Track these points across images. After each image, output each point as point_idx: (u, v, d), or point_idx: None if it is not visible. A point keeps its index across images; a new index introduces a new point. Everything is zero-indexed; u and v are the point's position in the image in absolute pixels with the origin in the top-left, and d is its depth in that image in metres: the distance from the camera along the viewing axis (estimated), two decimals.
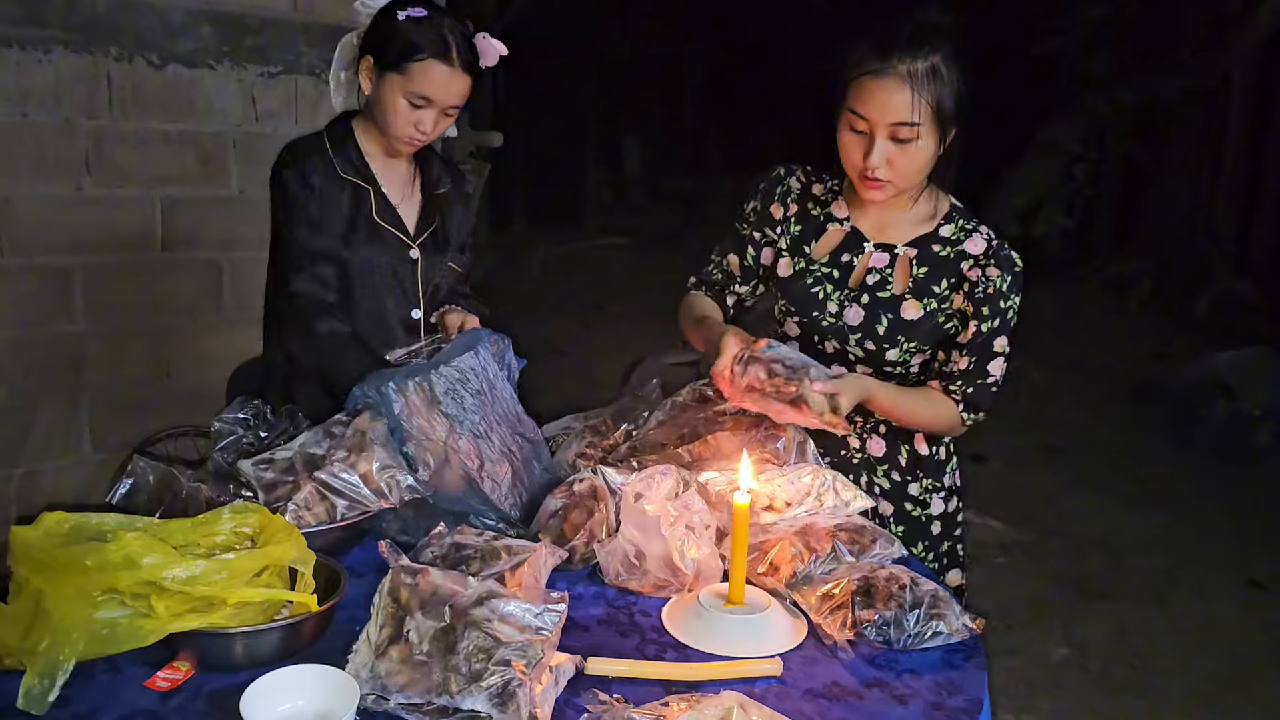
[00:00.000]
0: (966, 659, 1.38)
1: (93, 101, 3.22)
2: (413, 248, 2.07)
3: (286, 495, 1.49)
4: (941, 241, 1.79)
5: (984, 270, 1.75)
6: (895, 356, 1.79)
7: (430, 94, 1.91)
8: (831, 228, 1.85)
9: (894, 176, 1.68)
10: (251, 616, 1.22)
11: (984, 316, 1.75)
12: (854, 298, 1.79)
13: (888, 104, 1.62)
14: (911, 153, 1.66)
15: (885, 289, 1.78)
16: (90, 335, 3.32)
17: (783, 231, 1.89)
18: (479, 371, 1.69)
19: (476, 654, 1.11)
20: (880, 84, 1.62)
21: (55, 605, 1.14)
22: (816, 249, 1.85)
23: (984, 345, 1.76)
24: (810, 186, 1.90)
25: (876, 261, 1.80)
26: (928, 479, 1.90)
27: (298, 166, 1.98)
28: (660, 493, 1.48)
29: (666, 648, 1.37)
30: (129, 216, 3.34)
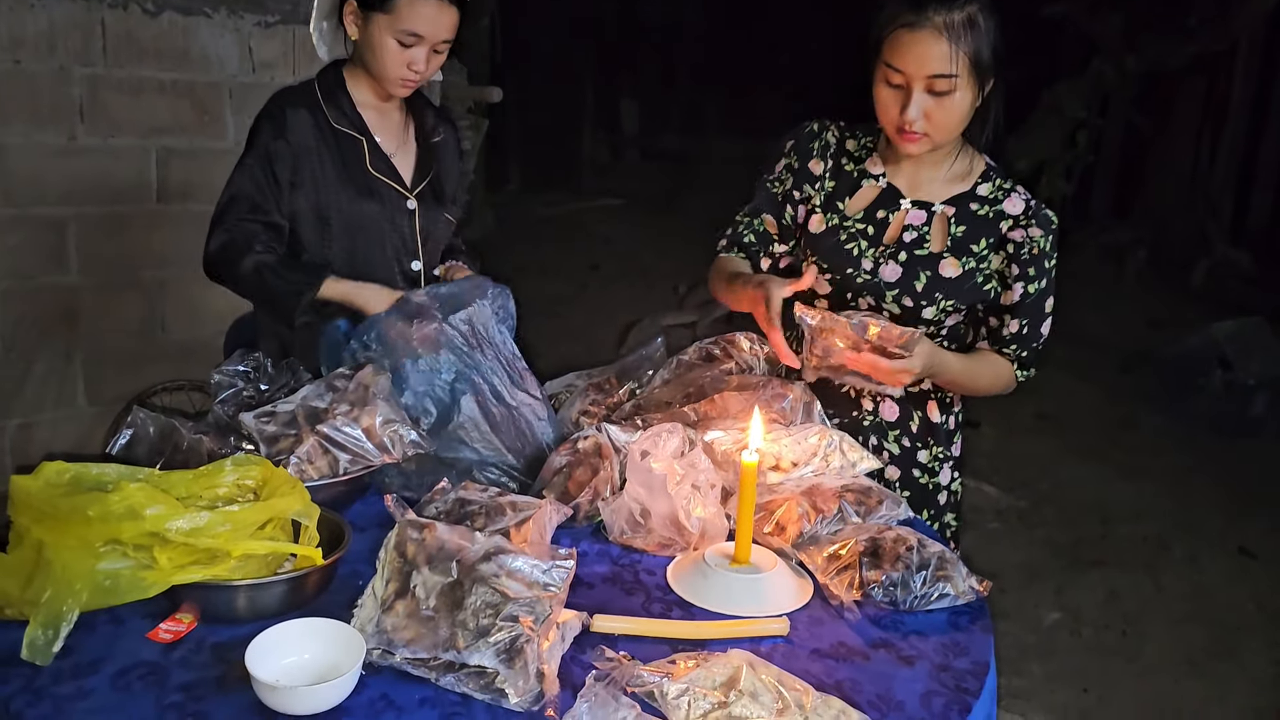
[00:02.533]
0: (972, 621, 1.37)
1: (87, 49, 3.16)
2: (409, 198, 2.04)
3: (288, 448, 1.48)
4: (979, 200, 1.77)
5: (1027, 230, 1.74)
6: (931, 315, 1.76)
7: (420, 29, 1.87)
8: (866, 184, 1.82)
9: (931, 130, 1.66)
10: (255, 569, 1.21)
11: (1030, 278, 1.74)
12: (890, 254, 1.76)
13: (925, 56, 1.60)
14: (949, 105, 1.64)
15: (923, 246, 1.76)
16: (84, 287, 3.29)
17: (819, 187, 1.85)
18: (484, 322, 1.67)
19: (484, 609, 1.10)
20: (916, 36, 1.60)
21: (57, 555, 1.13)
22: (850, 205, 1.82)
23: (1034, 306, 1.76)
24: (844, 142, 1.87)
25: (913, 219, 1.78)
26: (938, 447, 1.89)
27: (279, 116, 1.94)
28: (666, 451, 1.47)
29: (672, 606, 1.36)
30: (124, 167, 3.29)
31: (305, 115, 1.94)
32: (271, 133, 1.92)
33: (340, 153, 1.96)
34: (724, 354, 1.75)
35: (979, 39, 1.61)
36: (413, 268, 2.07)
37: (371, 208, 1.98)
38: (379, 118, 2.03)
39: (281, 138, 1.91)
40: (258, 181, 1.91)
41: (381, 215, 2.00)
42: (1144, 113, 9.41)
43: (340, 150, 1.96)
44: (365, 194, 1.97)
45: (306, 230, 1.96)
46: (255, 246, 1.88)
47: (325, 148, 1.95)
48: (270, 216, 1.93)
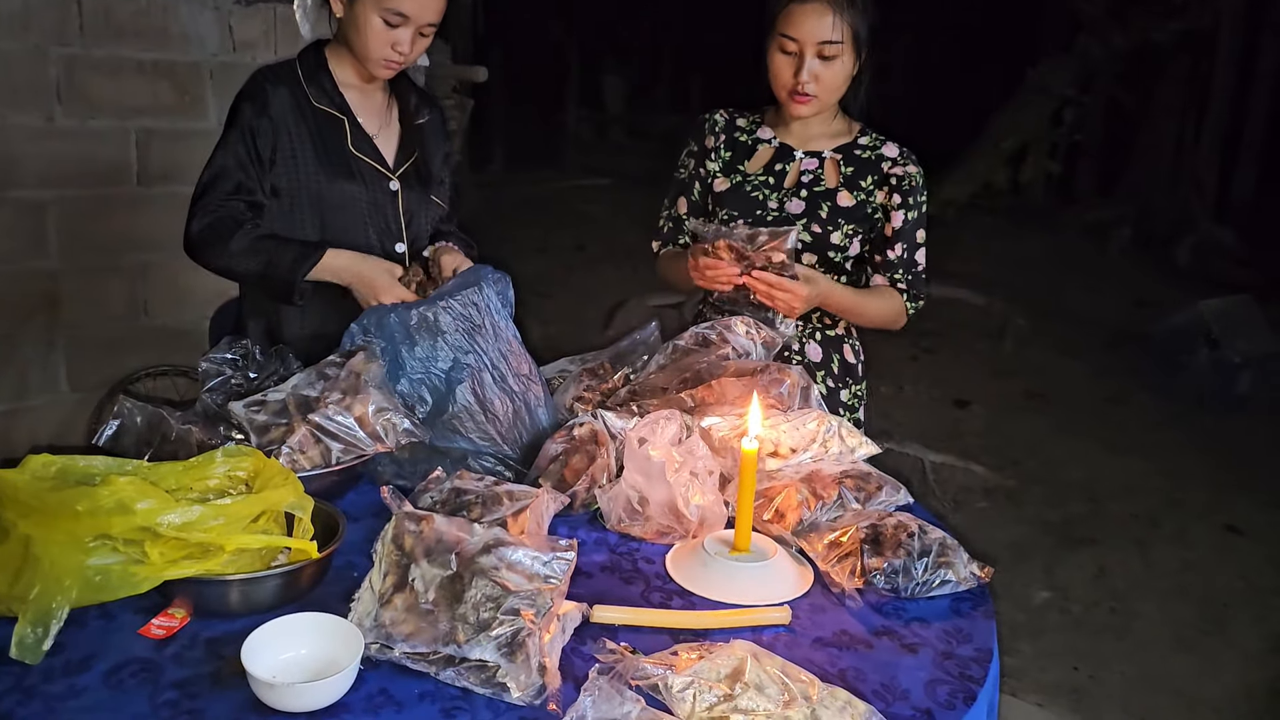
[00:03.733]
0: (974, 607, 1.37)
1: (63, 28, 3.09)
2: (392, 180, 2.00)
3: (280, 438, 1.45)
4: (861, 148, 2.06)
5: (905, 167, 2.02)
6: (838, 240, 2.00)
7: (406, 9, 1.83)
8: (761, 148, 2.09)
9: (820, 91, 1.94)
10: (248, 563, 1.19)
11: (908, 206, 2.02)
12: (793, 193, 2.02)
13: (816, 25, 1.89)
14: (835, 68, 1.93)
15: (820, 184, 2.02)
16: (65, 272, 3.23)
17: (716, 156, 2.10)
18: (483, 307, 1.64)
19: (485, 603, 1.08)
20: (808, 9, 1.90)
21: (45, 551, 1.10)
22: (750, 165, 2.08)
23: (910, 233, 2.03)
24: (734, 120, 2.13)
25: (807, 165, 2.05)
26: (855, 385, 2.12)
27: (260, 93, 1.89)
28: (664, 438, 1.45)
29: (672, 595, 1.35)
30: (103, 148, 3.24)
31: (285, 93, 1.90)
32: (253, 110, 1.88)
33: (320, 132, 1.92)
34: (720, 339, 1.73)
35: (857, 14, 1.91)
36: (397, 250, 2.03)
37: (352, 188, 1.94)
38: (361, 98, 1.99)
39: (264, 114, 1.87)
40: (240, 159, 1.87)
41: (362, 196, 1.96)
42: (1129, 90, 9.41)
43: (320, 129, 1.92)
44: (345, 174, 1.94)
45: (282, 209, 1.92)
46: (244, 224, 1.84)
47: (305, 126, 1.91)
48: (254, 196, 1.88)
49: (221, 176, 1.87)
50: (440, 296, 1.61)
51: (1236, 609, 3.68)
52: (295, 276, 1.80)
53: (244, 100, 1.89)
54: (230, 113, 1.92)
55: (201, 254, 1.87)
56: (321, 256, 1.82)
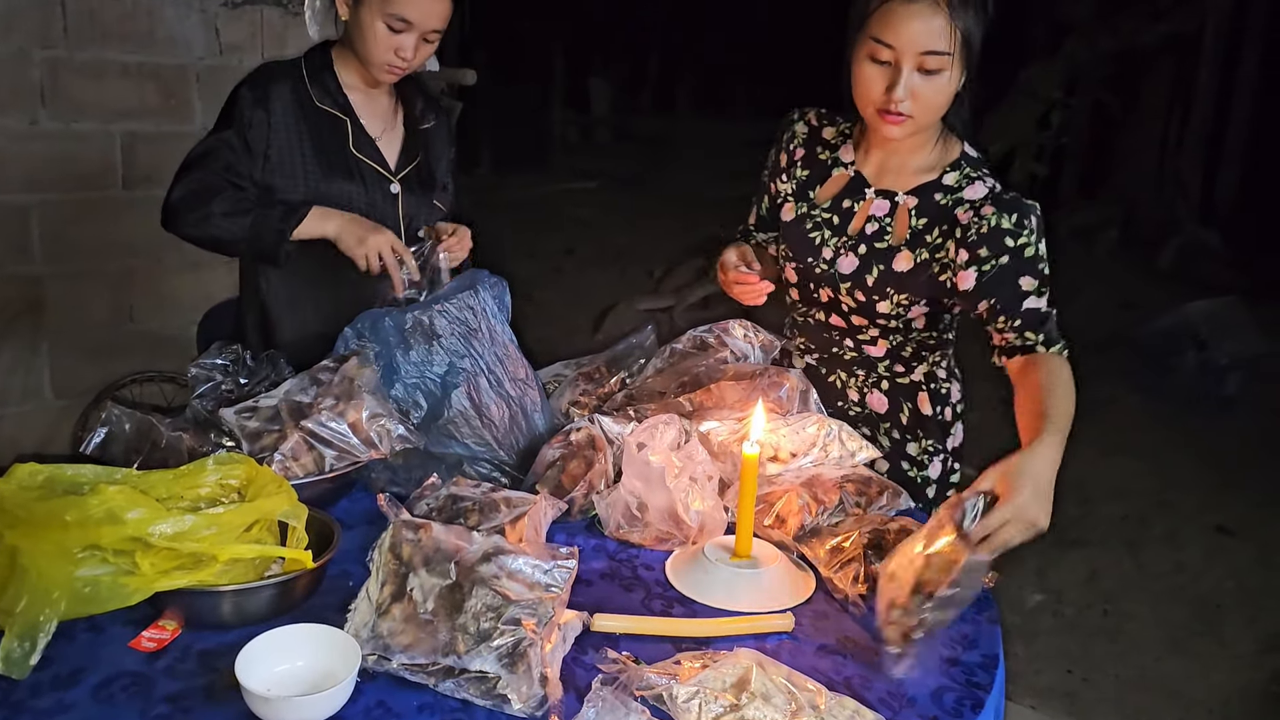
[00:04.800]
0: (979, 613, 1.35)
1: (47, 30, 3.06)
2: (393, 182, 1.98)
3: (272, 445, 1.42)
4: (943, 190, 1.68)
5: (977, 211, 1.60)
6: (887, 309, 1.71)
7: (410, 15, 1.81)
8: (837, 172, 1.77)
9: (918, 111, 1.56)
10: (242, 573, 1.16)
11: (982, 258, 1.57)
12: (851, 246, 1.71)
13: (920, 31, 1.50)
14: (939, 85, 1.54)
15: (883, 239, 1.69)
16: (49, 276, 3.19)
17: (791, 175, 1.82)
18: (479, 311, 1.63)
19: (485, 612, 1.06)
20: (912, 9, 1.50)
21: (33, 562, 1.07)
22: (820, 194, 1.78)
23: (998, 281, 1.58)
24: (821, 130, 1.81)
25: (877, 210, 1.71)
26: (928, 440, 1.84)
27: (260, 87, 1.87)
28: (663, 443, 1.43)
29: (673, 602, 1.33)
30: (88, 152, 3.20)
31: (288, 90, 1.88)
32: (251, 101, 1.85)
33: (320, 131, 1.90)
34: (718, 342, 1.72)
35: (977, 16, 1.53)
36: None
37: (350, 188, 1.92)
38: (365, 100, 1.97)
39: (261, 107, 1.85)
40: (232, 145, 1.84)
41: (361, 197, 1.94)
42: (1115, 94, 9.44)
43: (320, 129, 1.90)
44: (345, 174, 1.92)
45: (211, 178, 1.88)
46: (225, 190, 1.80)
47: (304, 124, 1.89)
48: (241, 180, 1.85)
49: (210, 154, 1.83)
50: (436, 300, 1.59)
51: (1228, 609, 3.68)
52: (284, 232, 1.75)
53: (244, 89, 1.87)
54: (229, 101, 1.89)
55: (181, 220, 1.80)
56: (308, 212, 1.77)
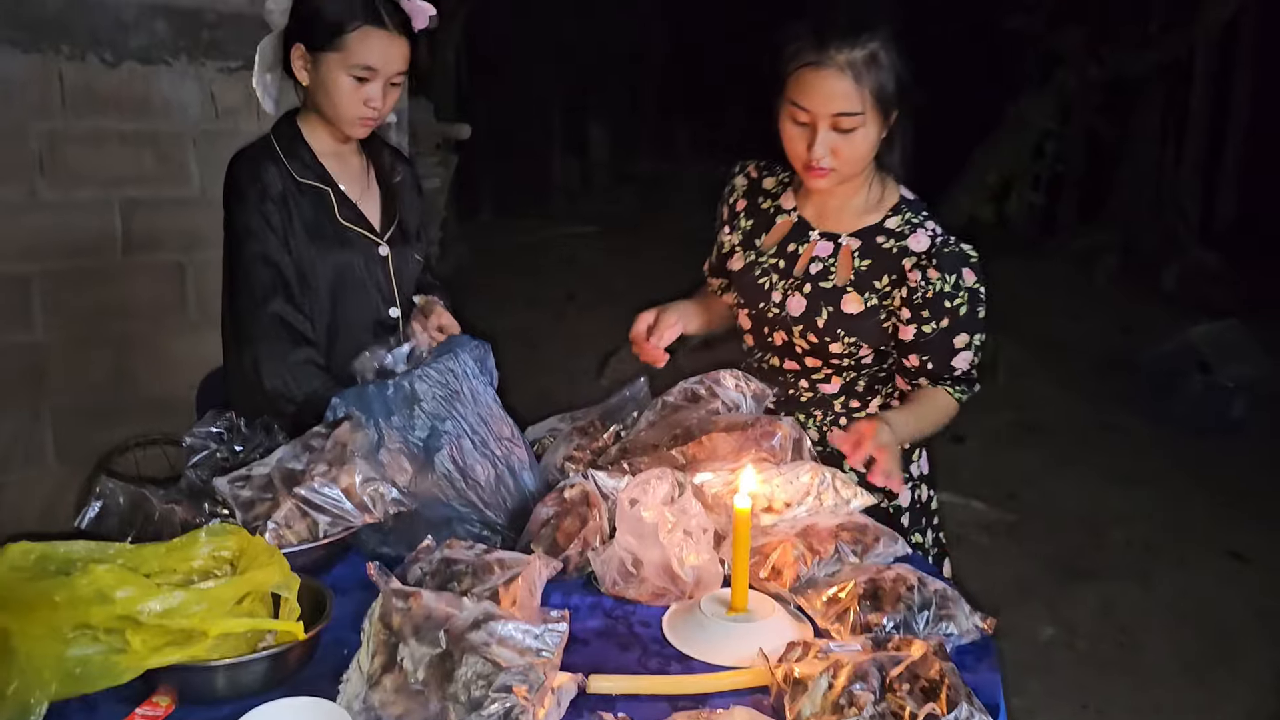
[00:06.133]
0: (978, 660, 1.34)
1: (45, 102, 3.10)
2: (381, 244, 2.00)
3: (265, 513, 1.42)
4: (886, 233, 1.78)
5: (924, 273, 1.72)
6: (839, 350, 1.79)
7: (372, 62, 1.83)
8: (780, 219, 1.87)
9: (839, 165, 1.68)
10: (234, 646, 1.16)
11: (924, 319, 1.73)
12: (797, 286, 1.80)
13: (830, 95, 1.62)
14: (856, 140, 1.66)
15: (828, 279, 1.78)
16: (50, 344, 3.21)
17: (734, 228, 1.92)
18: (459, 374, 1.64)
19: (476, 681, 1.05)
20: (821, 75, 1.62)
21: (23, 644, 1.07)
22: (765, 241, 1.87)
23: (936, 344, 1.75)
24: (761, 181, 1.92)
25: (820, 250, 1.81)
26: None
27: (256, 178, 1.86)
28: (656, 498, 1.43)
29: (670, 660, 1.32)
30: (87, 220, 3.23)
31: (275, 174, 1.88)
32: (258, 196, 1.85)
33: (307, 206, 1.91)
34: (709, 393, 1.72)
35: (882, 74, 1.63)
36: (390, 315, 2.02)
37: (345, 258, 1.93)
38: (340, 165, 1.98)
39: (267, 198, 1.85)
40: (270, 258, 1.85)
41: (359, 265, 1.95)
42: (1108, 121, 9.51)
43: (307, 203, 1.91)
44: (337, 245, 1.92)
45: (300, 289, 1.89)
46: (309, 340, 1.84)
47: (292, 202, 1.89)
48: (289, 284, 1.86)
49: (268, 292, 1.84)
50: (417, 366, 1.60)
51: (1244, 637, 3.64)
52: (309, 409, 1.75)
53: (244, 187, 1.87)
54: (234, 202, 1.88)
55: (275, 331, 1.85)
56: None
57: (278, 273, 1.85)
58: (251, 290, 1.85)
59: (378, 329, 1.99)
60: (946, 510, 4.74)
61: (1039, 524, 4.57)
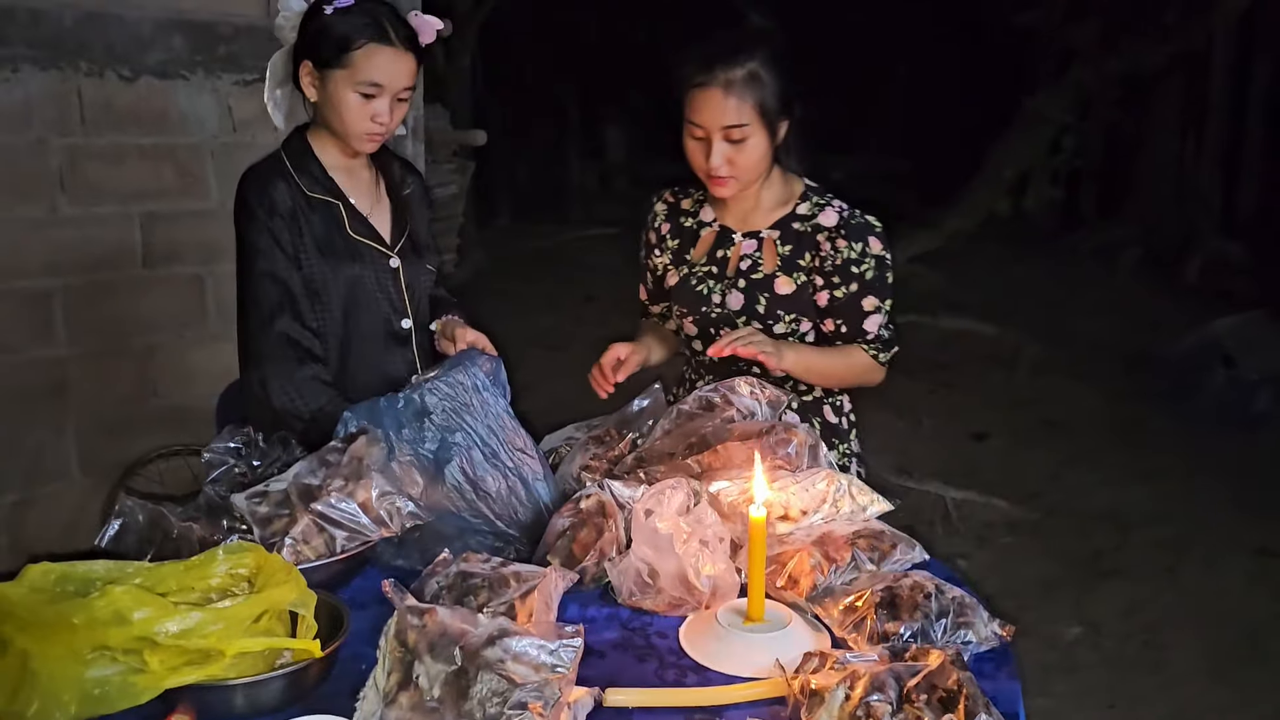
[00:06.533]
0: (998, 668, 1.33)
1: (64, 119, 3.13)
2: (392, 257, 2.01)
3: (283, 529, 1.43)
4: (800, 219, 1.97)
5: (834, 243, 1.93)
6: (782, 330, 1.96)
7: (379, 79, 1.84)
8: (704, 232, 2.05)
9: (736, 172, 1.87)
10: (251, 665, 1.17)
11: (835, 285, 1.93)
12: (733, 284, 1.97)
13: (717, 110, 1.81)
14: (747, 149, 1.85)
15: (758, 270, 1.96)
16: (73, 358, 3.24)
17: (663, 249, 2.10)
18: (469, 387, 1.64)
19: (491, 698, 1.05)
20: (707, 94, 1.82)
21: (43, 665, 1.08)
22: (695, 253, 2.05)
23: (847, 307, 1.94)
24: (679, 203, 2.11)
25: (746, 248, 1.99)
26: (841, 444, 2.07)
27: (265, 195, 1.88)
28: (671, 508, 1.43)
29: (686, 671, 1.31)
30: (107, 234, 3.26)
31: (284, 189, 1.89)
32: (265, 213, 1.87)
33: (318, 220, 1.92)
34: (724, 401, 1.71)
35: (762, 90, 1.82)
36: (403, 326, 2.03)
37: (357, 271, 1.94)
38: (350, 179, 1.99)
39: (275, 214, 1.87)
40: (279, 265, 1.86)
41: (370, 279, 1.96)
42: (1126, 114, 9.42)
43: (318, 218, 1.92)
44: (349, 258, 1.93)
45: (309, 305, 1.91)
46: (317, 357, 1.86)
47: (303, 217, 1.90)
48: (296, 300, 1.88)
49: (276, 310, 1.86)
50: (426, 379, 1.61)
51: (1273, 635, 3.60)
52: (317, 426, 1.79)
53: (253, 205, 1.88)
54: (244, 220, 1.90)
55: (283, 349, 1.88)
56: None
57: (285, 290, 1.87)
58: (259, 308, 1.88)
59: (390, 341, 2.00)
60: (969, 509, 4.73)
61: (1063, 522, 4.54)
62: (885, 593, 1.36)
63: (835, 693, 1.16)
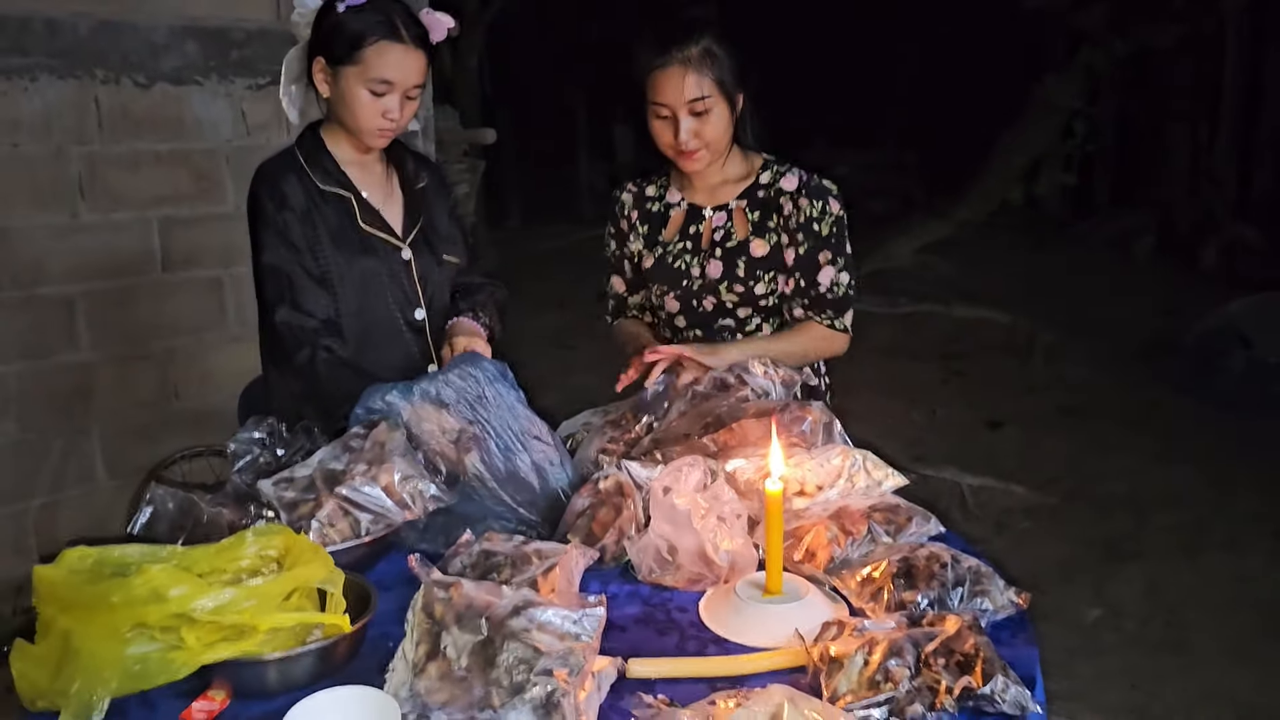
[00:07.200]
0: (1014, 635, 1.34)
1: (82, 127, 3.19)
2: (403, 249, 2.05)
3: (309, 513, 1.46)
4: (763, 187, 2.07)
5: (796, 203, 2.03)
6: (763, 290, 2.04)
7: (389, 76, 1.89)
8: (673, 213, 2.13)
9: (705, 144, 1.97)
10: (284, 640, 1.20)
11: (800, 242, 2.03)
12: (709, 255, 2.06)
13: (679, 87, 1.92)
14: (712, 121, 1.96)
15: (731, 239, 2.06)
16: (96, 362, 3.30)
17: (635, 236, 2.17)
18: (481, 379, 1.67)
19: (517, 665, 1.08)
20: (668, 73, 1.93)
21: (84, 644, 1.12)
22: (667, 234, 2.13)
23: (805, 262, 2.03)
24: (643, 190, 2.19)
25: (717, 221, 2.08)
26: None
27: (275, 190, 1.93)
28: (689, 485, 1.45)
29: (707, 643, 1.34)
30: (127, 240, 3.32)
31: (295, 181, 1.94)
32: (274, 206, 1.92)
33: (331, 214, 1.96)
34: (738, 381, 1.74)
35: (717, 64, 1.94)
36: (416, 316, 2.07)
37: (369, 263, 1.98)
38: (362, 173, 2.03)
39: (285, 208, 1.91)
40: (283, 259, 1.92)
41: (380, 269, 2.00)
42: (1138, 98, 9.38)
43: (331, 211, 1.97)
44: (361, 250, 1.98)
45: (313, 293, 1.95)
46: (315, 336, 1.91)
47: (316, 211, 1.95)
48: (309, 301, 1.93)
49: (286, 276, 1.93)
50: (438, 374, 1.65)
51: None
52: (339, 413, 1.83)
53: (262, 200, 1.94)
54: (253, 215, 1.96)
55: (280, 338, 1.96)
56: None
57: (286, 281, 1.92)
58: (264, 299, 1.96)
59: (405, 330, 2.06)
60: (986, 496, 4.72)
61: (1082, 507, 4.53)
62: (902, 563, 1.38)
63: (854, 659, 1.19)
